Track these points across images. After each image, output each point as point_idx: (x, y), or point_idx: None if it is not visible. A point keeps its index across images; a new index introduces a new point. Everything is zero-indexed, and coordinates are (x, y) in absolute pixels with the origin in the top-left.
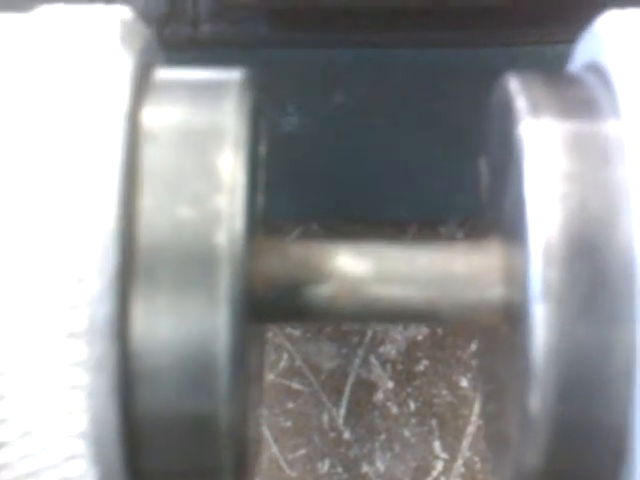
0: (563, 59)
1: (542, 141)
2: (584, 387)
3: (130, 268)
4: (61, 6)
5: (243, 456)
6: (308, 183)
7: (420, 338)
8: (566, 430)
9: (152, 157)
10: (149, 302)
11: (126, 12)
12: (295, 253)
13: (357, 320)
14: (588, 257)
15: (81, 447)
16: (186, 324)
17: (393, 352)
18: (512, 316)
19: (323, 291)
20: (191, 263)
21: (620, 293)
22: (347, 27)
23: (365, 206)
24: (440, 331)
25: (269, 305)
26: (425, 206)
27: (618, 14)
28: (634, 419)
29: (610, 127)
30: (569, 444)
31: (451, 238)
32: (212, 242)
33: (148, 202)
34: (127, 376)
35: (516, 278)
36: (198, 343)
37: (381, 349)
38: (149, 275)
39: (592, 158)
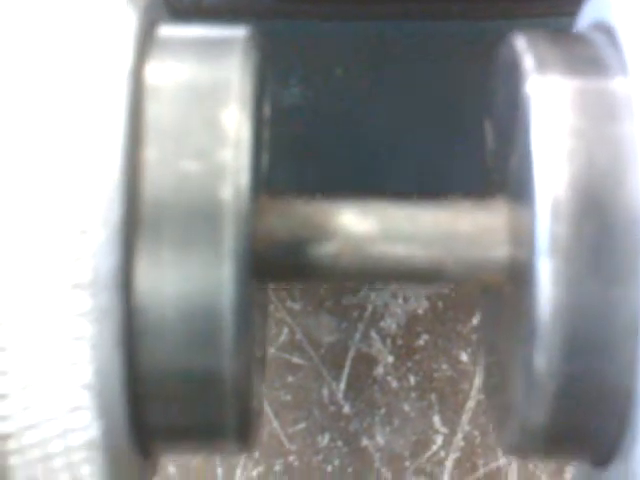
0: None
1: (549, 98)
2: (590, 345)
3: (134, 220)
4: None
5: (247, 414)
6: (310, 155)
7: (420, 312)
8: (571, 388)
9: (157, 112)
10: (153, 255)
11: None
12: (299, 211)
13: (361, 279)
14: (595, 213)
15: (85, 399)
16: (191, 278)
17: (393, 326)
18: (518, 275)
19: (327, 249)
20: (196, 217)
21: (627, 250)
22: None
23: (367, 178)
24: (441, 305)
25: (272, 263)
26: (427, 178)
27: None
28: (639, 377)
29: (617, 84)
30: (574, 402)
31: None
32: (217, 196)
33: (153, 155)
34: (131, 329)
35: (522, 236)
36: (202, 297)
37: (381, 323)
38: (153, 228)
39: (599, 115)
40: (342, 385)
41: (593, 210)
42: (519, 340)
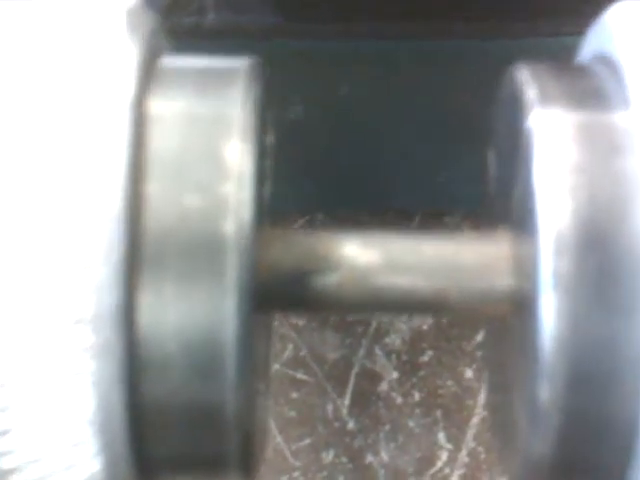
0: (571, 51)
1: (552, 132)
2: (593, 378)
3: (137, 255)
4: None
5: (249, 446)
6: (313, 173)
7: (425, 328)
8: (575, 421)
9: (159, 145)
10: (156, 290)
11: (132, 0)
12: (302, 242)
13: (364, 310)
14: (598, 248)
15: (87, 434)
16: (193, 312)
17: (398, 342)
18: (521, 306)
19: (330, 280)
20: (198, 251)
21: (630, 284)
22: (353, 18)
23: (370, 196)
24: (445, 322)
25: (276, 294)
26: (430, 196)
27: (628, 5)
28: None
29: (619, 118)
30: (578, 435)
31: (456, 228)
32: (220, 230)
33: (155, 189)
34: (134, 363)
35: (525, 268)
36: (205, 331)
37: (386, 339)
38: (156, 262)
39: (601, 149)
40: (346, 401)
41: (596, 244)
42: (523, 370)
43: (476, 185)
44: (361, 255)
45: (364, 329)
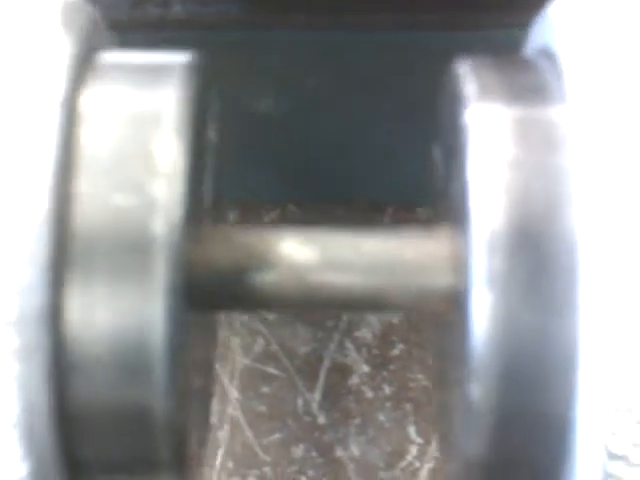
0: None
1: (487, 127)
2: (526, 376)
3: (64, 255)
4: None
5: (182, 447)
6: (285, 165)
7: (395, 322)
8: (508, 420)
9: (89, 142)
10: (84, 290)
11: None
12: (240, 239)
13: (302, 307)
14: (531, 246)
15: (13, 437)
16: (122, 313)
17: (369, 336)
18: (458, 304)
19: (267, 278)
20: (127, 251)
21: (562, 281)
22: (321, 9)
23: (342, 188)
24: (415, 315)
25: (213, 292)
26: (402, 188)
27: (571, 0)
28: (576, 408)
29: (557, 113)
30: (512, 434)
31: (429, 220)
32: (149, 229)
33: (84, 188)
34: (60, 366)
35: (463, 266)
36: (134, 333)
37: (356, 333)
38: (84, 262)
39: (538, 145)
40: (317, 395)
41: (529, 242)
42: (458, 369)
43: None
44: (299, 252)
45: (335, 323)
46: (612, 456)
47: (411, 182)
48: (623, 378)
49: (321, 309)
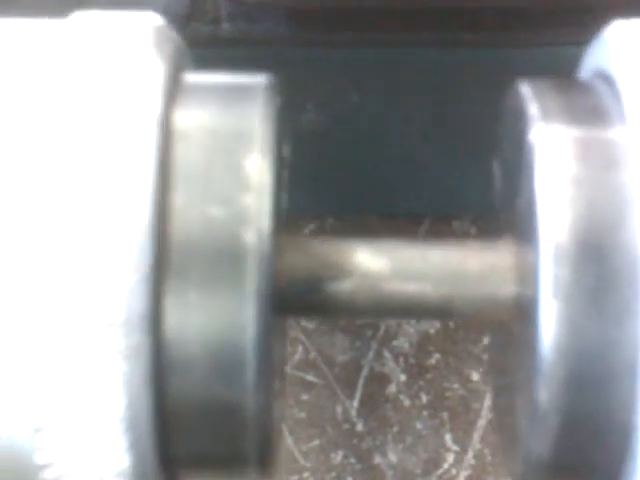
0: (572, 61)
1: (552, 146)
2: (591, 382)
3: (163, 264)
4: (96, 12)
5: (268, 445)
6: (325, 178)
7: (432, 332)
8: (573, 424)
9: (184, 158)
10: (181, 296)
11: (157, 19)
12: (316, 250)
13: (375, 315)
14: (595, 257)
15: (117, 431)
16: (216, 317)
17: (406, 345)
18: (523, 313)
19: (343, 287)
20: (221, 260)
21: (625, 292)
22: (365, 26)
23: (380, 201)
24: (452, 325)
25: (292, 299)
26: (439, 202)
27: (626, 23)
28: (638, 413)
29: (617, 133)
30: (576, 437)
31: (464, 233)
32: (240, 240)
33: (180, 201)
34: (160, 365)
35: (527, 276)
36: (227, 335)
37: (394, 342)
38: (181, 270)
39: (599, 163)
40: (355, 403)
41: (594, 254)
42: (524, 374)
43: (483, 191)
44: (372, 262)
45: (373, 332)
46: None
47: (447, 195)
48: None
49: (391, 316)
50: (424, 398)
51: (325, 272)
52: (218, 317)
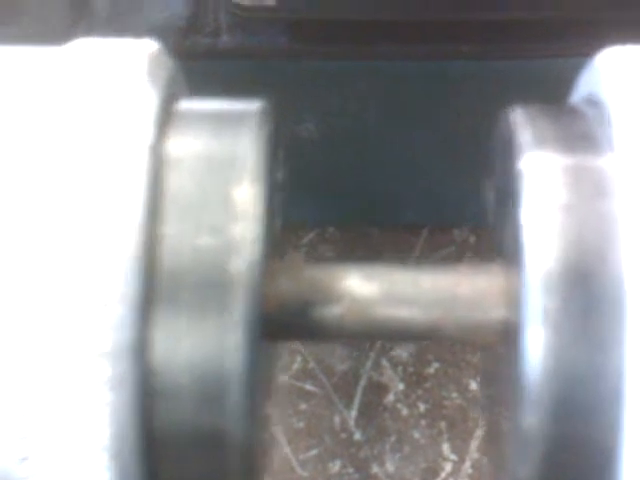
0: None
1: (541, 174)
2: (576, 408)
3: (152, 293)
4: (93, 40)
5: (253, 470)
6: (324, 188)
7: (431, 341)
8: (558, 450)
9: (174, 187)
10: (169, 325)
11: (153, 46)
12: (307, 275)
13: (364, 339)
14: (583, 286)
15: (103, 460)
16: (203, 346)
17: (404, 355)
18: (511, 338)
19: (333, 311)
20: (208, 289)
21: (611, 319)
22: (363, 39)
23: (379, 211)
24: None
25: (282, 324)
26: (438, 211)
27: (618, 49)
28: (622, 439)
29: (605, 161)
30: (561, 463)
31: (463, 242)
32: (229, 269)
33: (170, 230)
34: (147, 394)
35: (516, 302)
36: (213, 364)
37: (392, 352)
38: (170, 299)
39: (588, 191)
40: (353, 412)
41: (581, 283)
42: (511, 400)
43: (481, 202)
44: (362, 287)
45: (371, 342)
46: None
47: (446, 205)
48: None
49: (381, 340)
50: (422, 407)
51: (315, 297)
52: (205, 345)
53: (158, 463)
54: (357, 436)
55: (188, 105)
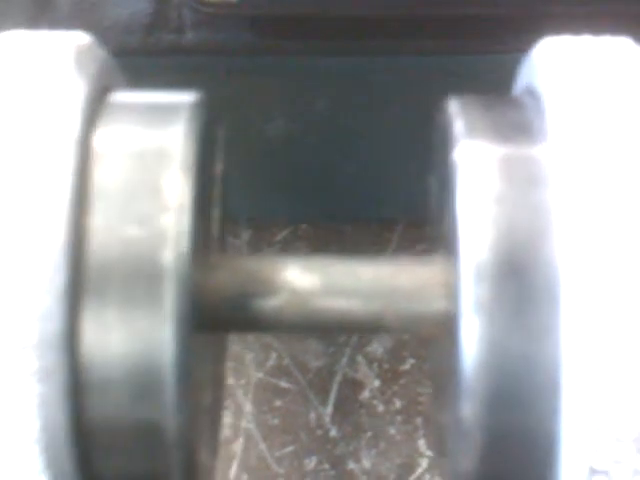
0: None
1: (474, 164)
2: (513, 398)
3: (80, 284)
4: (22, 32)
5: (192, 463)
6: (296, 185)
7: (406, 337)
8: (496, 439)
9: (102, 178)
10: (98, 316)
11: (83, 38)
12: (246, 267)
13: (304, 331)
14: (516, 275)
15: (33, 452)
16: (134, 337)
17: (380, 351)
18: (451, 328)
19: (272, 303)
20: (138, 280)
21: (545, 308)
22: (329, 35)
23: (352, 207)
24: None
25: (221, 316)
26: (411, 207)
27: (554, 41)
28: (560, 426)
29: (539, 150)
30: (500, 452)
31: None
32: (158, 259)
33: (97, 221)
34: (77, 386)
35: (453, 293)
36: (145, 355)
37: (368, 348)
38: (98, 291)
39: (521, 181)
40: (329, 409)
41: (514, 271)
42: (450, 390)
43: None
44: (301, 279)
45: (347, 338)
46: (594, 471)
47: (420, 200)
48: (604, 398)
49: (321, 332)
50: (398, 404)
51: (254, 288)
52: (136, 337)
53: (91, 456)
54: (333, 433)
55: (120, 97)
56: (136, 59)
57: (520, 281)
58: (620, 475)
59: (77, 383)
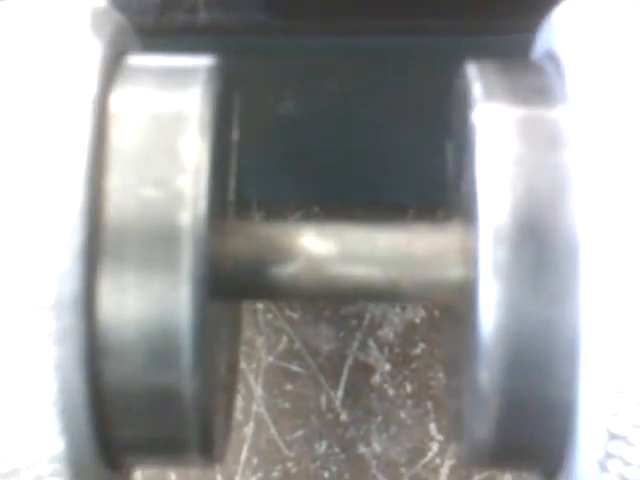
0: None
1: (494, 126)
2: (531, 363)
3: (97, 245)
4: None
5: (208, 428)
6: (307, 167)
7: (417, 321)
8: (515, 405)
9: (119, 139)
10: (115, 278)
11: (98, 1)
12: (262, 234)
13: (321, 298)
14: (535, 238)
15: (50, 415)
16: (151, 300)
17: (391, 335)
18: (468, 295)
19: (288, 270)
20: (156, 242)
21: (565, 272)
22: (342, 14)
23: (364, 190)
24: (437, 314)
25: (237, 283)
26: (424, 190)
27: (575, 3)
28: (578, 391)
29: (559, 113)
30: (518, 418)
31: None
32: (176, 222)
33: (115, 182)
34: (94, 349)
35: (472, 258)
36: (162, 318)
37: (379, 332)
38: (115, 252)
39: (541, 143)
40: (340, 393)
41: (533, 234)
42: (468, 356)
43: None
44: (318, 246)
45: (358, 322)
46: (613, 436)
47: (432, 183)
48: (623, 362)
49: (337, 299)
50: (409, 388)
51: (270, 255)
52: (153, 300)
53: (108, 419)
54: (343, 417)
55: (137, 60)
56: (149, 39)
57: (540, 245)
58: (639, 439)
59: (94, 345)
